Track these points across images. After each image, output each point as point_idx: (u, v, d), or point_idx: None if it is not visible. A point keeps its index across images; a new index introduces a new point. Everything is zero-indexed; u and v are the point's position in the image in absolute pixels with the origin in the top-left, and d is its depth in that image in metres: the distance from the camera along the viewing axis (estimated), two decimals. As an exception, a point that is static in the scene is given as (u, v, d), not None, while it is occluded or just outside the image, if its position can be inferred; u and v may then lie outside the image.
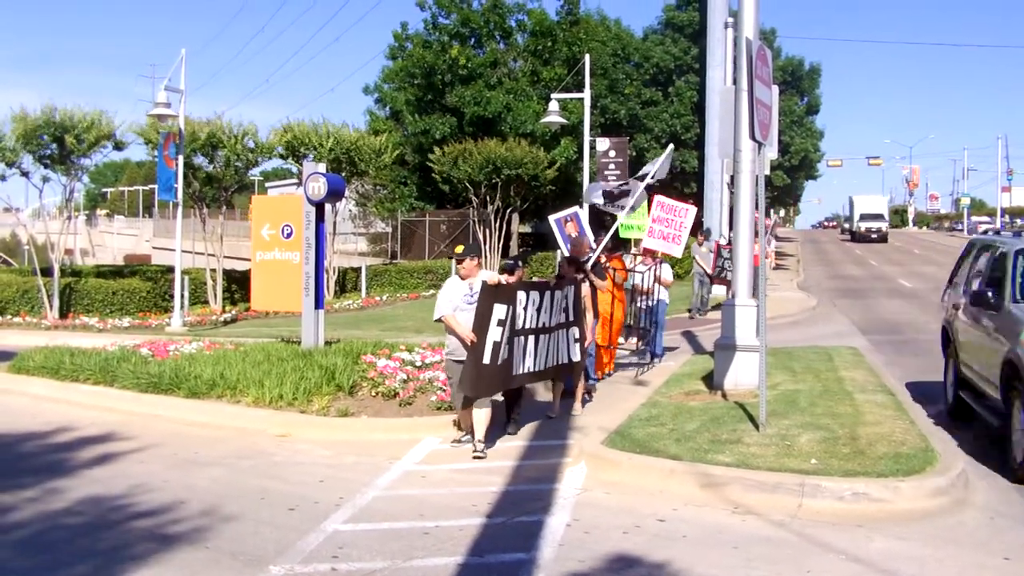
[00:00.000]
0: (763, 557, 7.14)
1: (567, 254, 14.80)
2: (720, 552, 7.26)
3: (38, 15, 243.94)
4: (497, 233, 35.64)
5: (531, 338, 11.02)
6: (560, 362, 11.78)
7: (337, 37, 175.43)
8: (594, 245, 15.54)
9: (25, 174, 26.33)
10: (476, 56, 44.32)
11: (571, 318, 11.91)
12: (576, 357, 12.08)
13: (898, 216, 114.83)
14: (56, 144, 25.42)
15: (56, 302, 26.01)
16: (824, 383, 13.22)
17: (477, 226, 37.97)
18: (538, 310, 11.05)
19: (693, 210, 16.61)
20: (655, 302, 16.83)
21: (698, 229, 27.63)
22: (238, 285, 30.71)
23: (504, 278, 10.95)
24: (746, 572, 6.85)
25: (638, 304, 16.66)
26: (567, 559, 7.11)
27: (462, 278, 10.82)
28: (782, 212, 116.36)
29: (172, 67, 26.94)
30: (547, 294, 11.30)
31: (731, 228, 16.20)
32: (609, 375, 15.06)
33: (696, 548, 7.36)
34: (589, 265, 13.56)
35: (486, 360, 10.12)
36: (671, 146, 16.55)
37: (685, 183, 46.02)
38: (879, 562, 7.00)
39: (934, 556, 7.18)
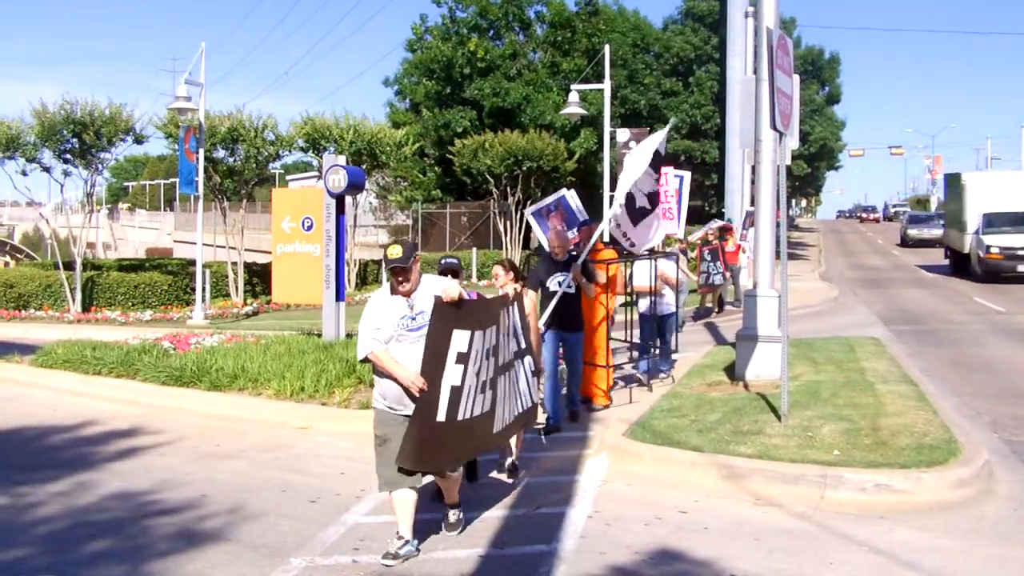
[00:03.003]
0: (785, 549, 7.12)
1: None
2: (742, 544, 7.24)
3: (57, 10, 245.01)
4: (517, 225, 35.61)
5: (501, 377, 7.77)
6: (524, 407, 8.43)
7: (356, 30, 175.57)
8: (577, 236, 13.10)
9: (46, 169, 26.44)
10: (495, 48, 44.29)
11: (523, 344, 8.49)
12: (536, 396, 8.78)
13: (921, 206, 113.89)
14: (76, 139, 25.47)
15: (79, 296, 26.12)
16: (846, 374, 13.16)
17: (498, 218, 37.93)
18: (502, 334, 7.78)
19: (686, 176, 14.62)
20: (662, 308, 13.95)
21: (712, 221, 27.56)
22: (259, 278, 30.76)
23: (462, 289, 7.22)
24: (768, 564, 6.83)
25: (651, 307, 13.95)
26: (589, 551, 7.10)
27: (400, 292, 7.11)
28: (804, 202, 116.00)
29: (192, 61, 27.09)
30: (508, 312, 8.05)
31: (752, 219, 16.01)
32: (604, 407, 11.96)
33: (718, 540, 7.34)
34: (579, 264, 11.11)
35: (440, 416, 6.88)
36: (672, 120, 14.53)
37: (706, 174, 45.90)
38: (901, 554, 6.97)
39: (957, 548, 7.14)
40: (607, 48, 32.82)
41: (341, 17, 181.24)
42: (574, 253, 11.58)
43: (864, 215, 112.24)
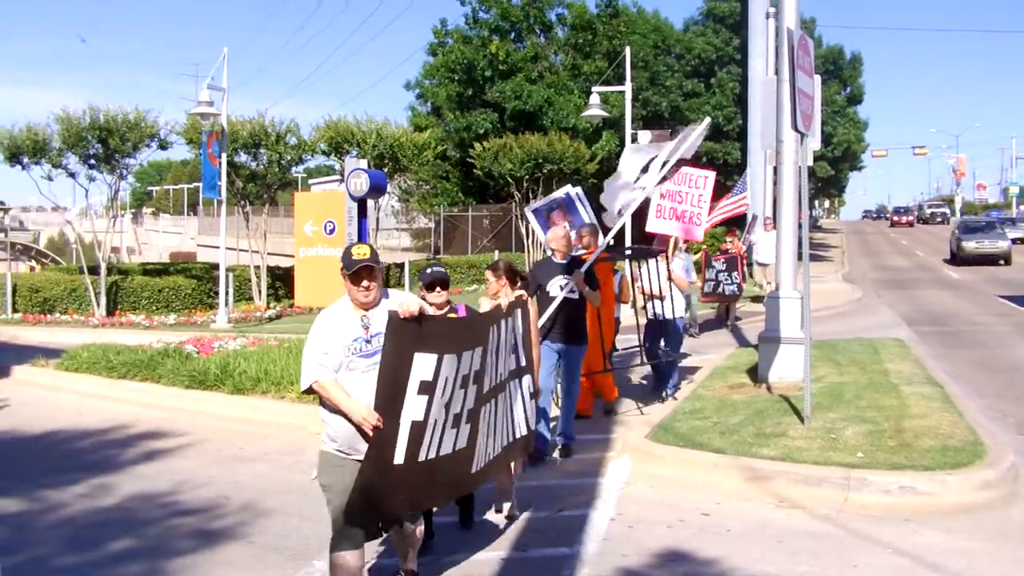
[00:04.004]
0: (808, 551, 7.08)
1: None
2: (765, 546, 7.21)
3: (78, 13, 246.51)
4: (539, 227, 35.61)
5: (487, 405, 6.71)
6: (516, 435, 7.40)
7: (377, 33, 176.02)
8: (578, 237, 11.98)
9: (72, 174, 26.64)
10: (516, 50, 44.34)
11: (522, 361, 7.49)
12: (533, 423, 7.74)
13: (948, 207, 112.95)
14: (101, 144, 25.64)
15: (103, 300, 26.27)
16: (870, 375, 13.09)
17: (519, 220, 37.94)
18: (490, 355, 6.64)
19: (711, 176, 12.67)
20: (667, 313, 13.05)
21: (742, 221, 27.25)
22: (282, 281, 30.85)
23: (424, 303, 6.05)
24: (791, 566, 6.80)
25: (654, 313, 13.08)
26: (611, 554, 7.09)
27: (363, 304, 5.91)
28: (827, 203, 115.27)
29: (214, 66, 27.21)
30: (499, 328, 6.90)
31: (775, 219, 15.87)
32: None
33: (741, 542, 7.31)
34: (582, 272, 10.05)
35: (398, 457, 5.74)
36: (707, 119, 12.64)
37: (728, 175, 45.76)
38: (926, 556, 6.92)
39: (983, 550, 7.09)
40: (628, 50, 32.78)
41: (362, 21, 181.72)
42: (577, 255, 10.70)
43: (896, 218, 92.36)
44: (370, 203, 13.71)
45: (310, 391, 5.88)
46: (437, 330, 5.95)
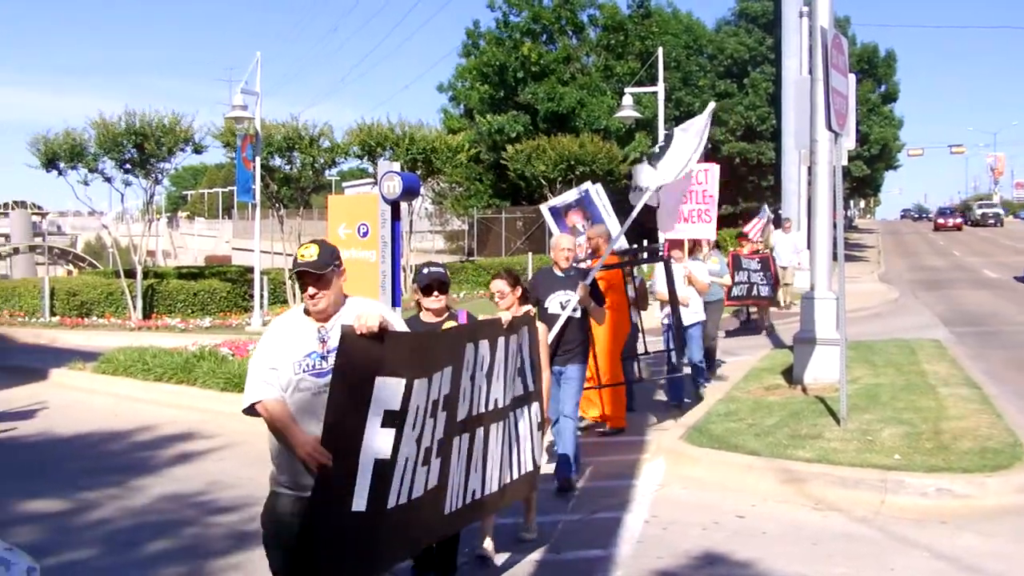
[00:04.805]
0: (844, 553, 7.02)
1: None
2: (800, 548, 7.16)
3: (113, 19, 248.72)
4: (572, 230, 35.57)
5: (459, 438, 5.64)
6: (516, 473, 6.46)
7: (409, 36, 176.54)
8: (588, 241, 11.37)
9: (107, 179, 26.83)
10: (548, 52, 44.39)
11: (530, 386, 6.62)
12: (540, 456, 6.82)
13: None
14: (137, 149, 25.83)
15: (139, 303, 26.46)
16: (906, 377, 12.98)
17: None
18: (466, 376, 5.61)
19: (714, 169, 12.19)
20: (690, 319, 12.27)
21: (778, 219, 27.10)
22: (316, 284, 30.87)
23: (389, 316, 4.99)
24: (827, 569, 6.74)
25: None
26: (645, 556, 7.06)
27: (312, 315, 4.98)
28: (862, 203, 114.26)
29: (248, 70, 27.32)
30: (499, 345, 6.08)
31: (809, 220, 15.72)
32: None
33: (776, 544, 7.26)
34: (587, 284, 8.94)
35: (358, 503, 4.65)
36: (712, 104, 11.84)
37: (762, 176, 45.61)
38: (964, 559, 6.84)
39: (1022, 553, 7.01)
40: (660, 51, 32.76)
41: (395, 24, 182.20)
42: (580, 267, 9.63)
43: (941, 220, 78.87)
44: (403, 206, 13.72)
45: (252, 412, 4.96)
46: (404, 348, 4.90)
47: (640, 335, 12.56)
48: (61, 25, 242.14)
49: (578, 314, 8.89)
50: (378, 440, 4.67)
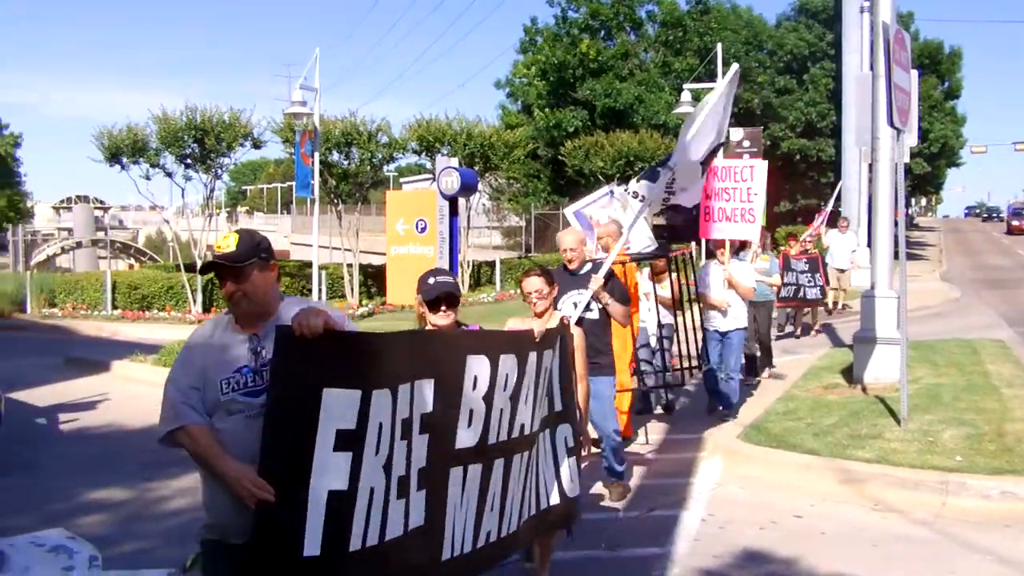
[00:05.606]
0: (904, 556, 6.96)
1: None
2: (859, 550, 7.11)
3: (175, 19, 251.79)
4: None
5: (487, 471, 4.86)
6: (541, 507, 5.51)
7: (467, 33, 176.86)
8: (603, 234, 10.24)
9: (168, 174, 27.17)
10: (606, 48, 44.28)
11: (558, 404, 5.63)
12: (574, 487, 5.76)
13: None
14: (197, 144, 26.15)
15: (199, 297, 26.75)
16: (968, 377, 12.81)
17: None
18: (513, 400, 4.96)
19: (761, 165, 11.26)
20: (726, 324, 11.39)
21: (836, 217, 26.73)
22: (374, 279, 31.09)
23: (336, 316, 4.06)
24: (887, 571, 6.70)
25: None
26: (702, 554, 7.04)
27: (242, 322, 4.16)
28: (923, 201, 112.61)
29: (307, 66, 27.52)
30: (529, 363, 5.13)
31: (870, 218, 15.51)
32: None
33: (834, 545, 7.21)
34: (600, 277, 7.99)
35: (310, 547, 3.79)
36: (735, 66, 9.82)
37: (822, 172, 45.21)
38: (1028, 563, 6.76)
39: (1088, 557, 6.90)
40: (719, 47, 32.53)
41: (452, 20, 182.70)
42: (598, 261, 8.63)
43: (1016, 222, 67.37)
44: (461, 201, 13.68)
45: (171, 440, 4.03)
46: (358, 351, 4.02)
47: (672, 337, 11.77)
48: (123, 25, 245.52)
49: (594, 314, 8.01)
50: (331, 467, 3.80)
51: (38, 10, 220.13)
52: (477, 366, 4.67)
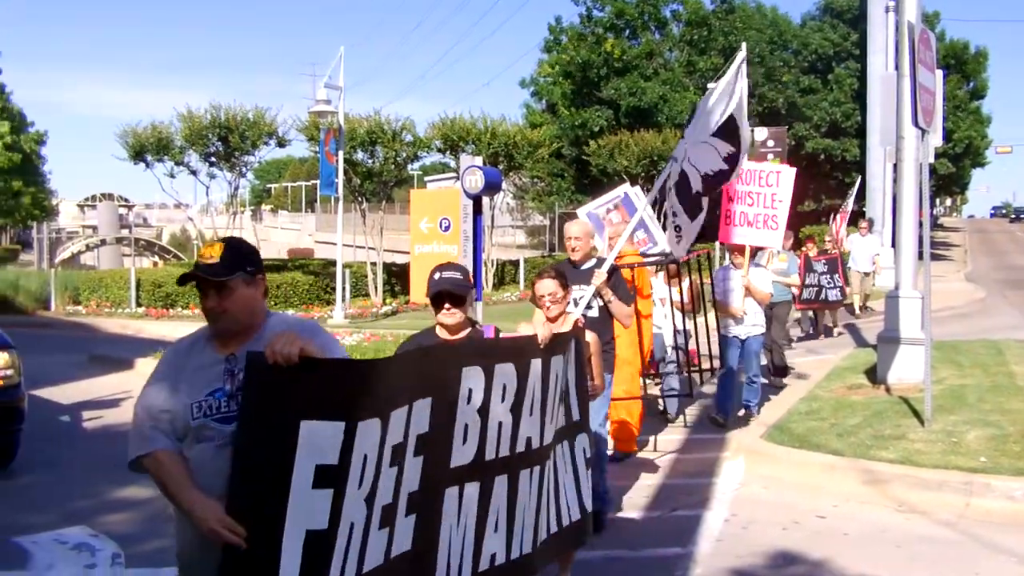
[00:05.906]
0: (927, 557, 6.95)
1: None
2: (882, 550, 7.10)
3: (197, 18, 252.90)
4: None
5: (487, 489, 4.48)
6: (556, 526, 5.13)
7: (492, 32, 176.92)
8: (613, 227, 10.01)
9: (193, 172, 27.38)
10: (631, 47, 44.24)
11: (574, 414, 5.29)
12: (588, 503, 5.42)
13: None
14: (221, 142, 26.32)
15: (223, 294, 26.87)
16: (993, 378, 12.75)
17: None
18: (514, 411, 4.55)
19: (789, 171, 11.00)
20: (745, 329, 11.22)
21: (858, 219, 26.60)
22: (398, 278, 31.18)
23: (301, 342, 3.35)
24: (911, 572, 6.69)
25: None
26: (724, 554, 7.05)
27: (218, 341, 3.80)
28: (948, 201, 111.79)
29: (331, 65, 27.71)
30: (531, 370, 4.70)
31: (894, 218, 15.45)
32: None
33: (857, 546, 7.21)
34: (604, 272, 7.57)
35: None
36: (742, 51, 10.04)
37: (846, 172, 45.01)
38: (1053, 565, 6.74)
39: (1113, 560, 6.88)
40: (744, 46, 32.46)
41: (478, 19, 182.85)
42: (599, 258, 8.24)
43: None
44: (485, 200, 13.66)
45: (138, 466, 3.71)
46: (344, 380, 3.52)
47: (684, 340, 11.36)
48: (148, 24, 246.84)
49: (595, 312, 7.61)
50: (309, 505, 3.37)
51: (63, 9, 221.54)
52: (472, 378, 4.27)
